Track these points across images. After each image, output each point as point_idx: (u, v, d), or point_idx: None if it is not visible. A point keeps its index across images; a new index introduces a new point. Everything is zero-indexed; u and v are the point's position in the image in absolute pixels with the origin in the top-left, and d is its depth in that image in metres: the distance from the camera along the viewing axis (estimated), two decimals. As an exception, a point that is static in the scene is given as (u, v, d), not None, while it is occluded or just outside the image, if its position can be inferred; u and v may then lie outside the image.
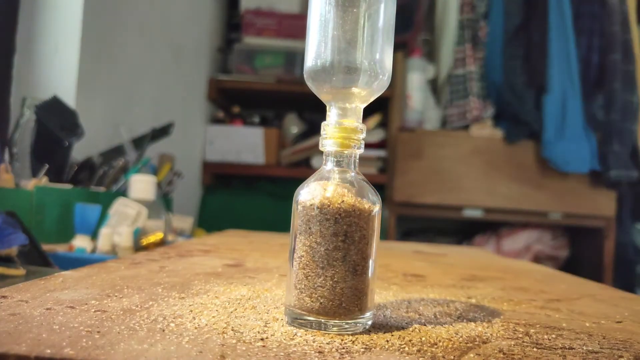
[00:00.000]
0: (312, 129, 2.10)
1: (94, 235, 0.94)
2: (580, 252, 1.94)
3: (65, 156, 1.08)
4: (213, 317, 0.28)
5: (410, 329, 0.28)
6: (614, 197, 1.77)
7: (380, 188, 1.90)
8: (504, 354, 0.24)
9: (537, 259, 1.87)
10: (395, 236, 1.86)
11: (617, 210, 1.79)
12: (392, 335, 0.27)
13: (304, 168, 2.01)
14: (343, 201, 0.27)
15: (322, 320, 0.27)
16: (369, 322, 0.28)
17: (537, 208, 1.78)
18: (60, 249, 0.88)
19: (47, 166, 0.99)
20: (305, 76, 0.29)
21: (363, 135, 0.29)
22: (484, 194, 1.78)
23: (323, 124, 0.29)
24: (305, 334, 0.26)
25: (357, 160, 0.29)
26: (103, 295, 0.31)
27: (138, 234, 0.96)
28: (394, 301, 0.37)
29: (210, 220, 1.94)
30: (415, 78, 1.96)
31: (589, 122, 1.76)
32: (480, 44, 1.94)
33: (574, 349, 0.26)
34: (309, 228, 0.27)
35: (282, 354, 0.22)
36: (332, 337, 0.26)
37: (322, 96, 0.29)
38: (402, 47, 1.98)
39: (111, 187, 1.13)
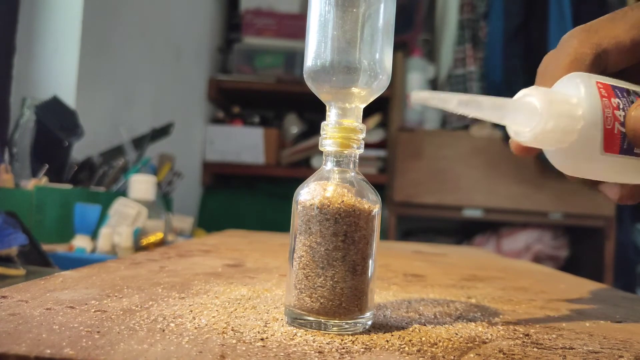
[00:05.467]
0: (312, 129, 2.10)
1: (94, 235, 0.94)
2: (581, 252, 1.94)
3: (65, 156, 1.08)
4: (213, 317, 0.28)
5: (410, 329, 0.28)
6: (614, 197, 1.77)
7: (380, 188, 1.90)
8: (504, 354, 0.24)
9: (537, 259, 1.87)
10: (395, 236, 1.86)
11: (617, 210, 1.79)
12: (392, 335, 0.27)
13: (304, 168, 2.01)
14: (343, 201, 0.27)
15: (322, 320, 0.27)
16: (369, 322, 0.28)
17: (537, 208, 1.78)
18: (60, 249, 0.88)
19: (47, 166, 0.99)
20: (305, 76, 0.29)
21: (363, 135, 0.29)
22: (484, 194, 1.78)
23: (323, 124, 0.29)
24: (305, 334, 0.26)
25: (357, 160, 0.29)
26: (103, 295, 0.31)
27: (138, 234, 0.96)
28: (394, 301, 0.37)
29: (210, 220, 1.94)
30: (415, 78, 1.96)
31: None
32: (480, 44, 1.94)
33: (574, 349, 0.26)
34: (309, 228, 0.27)
35: (282, 354, 0.22)
36: (332, 337, 0.26)
37: (322, 96, 0.29)
38: (402, 47, 1.98)
39: (111, 187, 1.13)
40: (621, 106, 0.28)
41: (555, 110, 0.26)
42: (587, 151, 0.27)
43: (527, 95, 0.27)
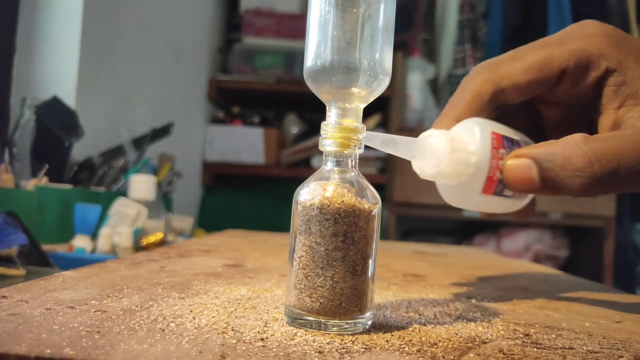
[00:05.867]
0: (312, 129, 2.10)
1: (94, 235, 0.94)
2: (580, 252, 1.94)
3: (65, 156, 1.08)
4: (213, 317, 0.28)
5: (410, 329, 0.28)
6: (613, 197, 1.77)
7: (380, 188, 1.90)
8: (503, 354, 0.24)
9: (537, 258, 1.87)
10: (395, 236, 1.86)
11: (616, 210, 1.79)
12: (392, 335, 0.27)
13: (303, 168, 2.01)
14: (343, 201, 0.27)
15: (322, 320, 0.27)
16: (369, 322, 0.28)
17: (536, 208, 1.78)
18: (60, 249, 0.88)
19: (47, 166, 0.99)
20: (304, 76, 0.29)
21: (363, 135, 0.29)
22: (484, 194, 1.78)
23: (323, 124, 0.29)
24: (305, 334, 0.26)
25: (357, 160, 0.29)
26: (103, 295, 0.31)
27: (138, 234, 0.96)
28: (394, 301, 0.37)
29: (210, 220, 1.94)
30: (415, 78, 1.96)
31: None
32: (480, 44, 1.94)
33: (574, 348, 0.26)
34: (309, 228, 0.27)
35: (282, 354, 0.22)
36: (332, 337, 0.26)
37: (322, 96, 0.29)
38: (402, 47, 1.98)
39: (111, 187, 1.13)
40: (504, 156, 0.34)
41: (454, 157, 0.32)
42: (469, 191, 0.34)
43: (434, 137, 0.33)
